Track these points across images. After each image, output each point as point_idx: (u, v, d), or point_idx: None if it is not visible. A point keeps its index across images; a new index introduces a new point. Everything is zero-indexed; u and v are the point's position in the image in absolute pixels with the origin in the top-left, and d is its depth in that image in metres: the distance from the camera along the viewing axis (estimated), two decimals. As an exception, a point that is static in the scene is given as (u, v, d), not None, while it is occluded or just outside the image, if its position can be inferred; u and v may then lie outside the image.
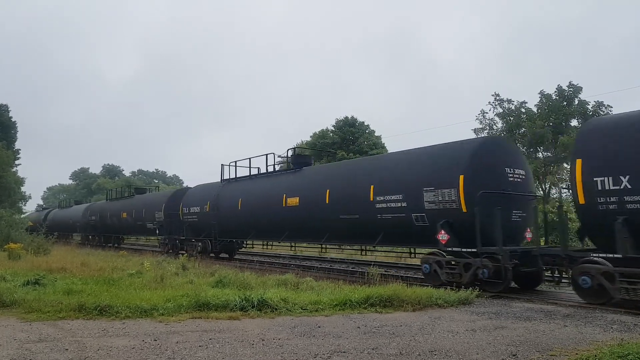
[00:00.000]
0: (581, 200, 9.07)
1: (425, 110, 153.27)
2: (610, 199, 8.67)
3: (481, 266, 10.48)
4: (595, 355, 5.31)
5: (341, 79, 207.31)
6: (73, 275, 12.29)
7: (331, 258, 21.02)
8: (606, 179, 8.71)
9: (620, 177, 8.55)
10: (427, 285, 10.69)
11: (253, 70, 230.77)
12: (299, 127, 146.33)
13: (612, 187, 8.63)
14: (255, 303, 8.30)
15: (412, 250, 13.68)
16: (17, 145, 46.94)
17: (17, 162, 44.85)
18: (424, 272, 11.94)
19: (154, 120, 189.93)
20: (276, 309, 8.23)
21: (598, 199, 8.80)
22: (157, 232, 25.26)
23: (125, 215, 29.44)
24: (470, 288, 9.89)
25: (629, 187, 8.44)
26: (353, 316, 8.01)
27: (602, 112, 28.98)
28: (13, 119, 46.37)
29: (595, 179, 8.85)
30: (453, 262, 11.27)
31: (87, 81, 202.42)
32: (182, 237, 22.81)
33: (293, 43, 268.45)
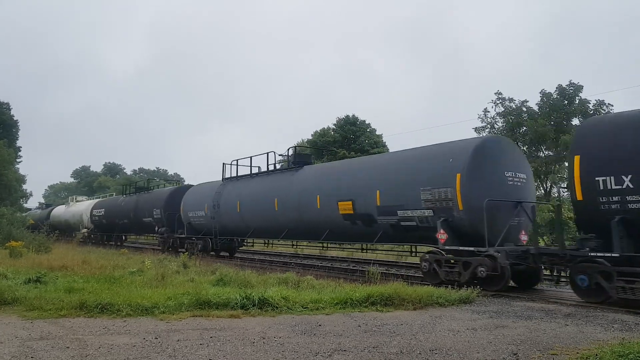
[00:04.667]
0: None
1: (448, 102, 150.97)
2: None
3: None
4: (596, 355, 5.31)
5: (360, 71, 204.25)
6: (74, 273, 12.29)
7: (331, 257, 21.03)
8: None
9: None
10: (426, 284, 10.74)
11: (264, 64, 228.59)
12: (310, 122, 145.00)
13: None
14: (256, 301, 8.30)
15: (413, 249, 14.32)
16: (19, 143, 47.08)
17: (18, 159, 44.88)
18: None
19: (157, 117, 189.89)
20: (277, 308, 8.24)
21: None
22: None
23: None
24: None
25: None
26: (354, 315, 8.02)
27: (603, 111, 28.93)
28: (15, 118, 46.52)
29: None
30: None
31: (89, 76, 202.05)
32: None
33: (309, 35, 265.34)
